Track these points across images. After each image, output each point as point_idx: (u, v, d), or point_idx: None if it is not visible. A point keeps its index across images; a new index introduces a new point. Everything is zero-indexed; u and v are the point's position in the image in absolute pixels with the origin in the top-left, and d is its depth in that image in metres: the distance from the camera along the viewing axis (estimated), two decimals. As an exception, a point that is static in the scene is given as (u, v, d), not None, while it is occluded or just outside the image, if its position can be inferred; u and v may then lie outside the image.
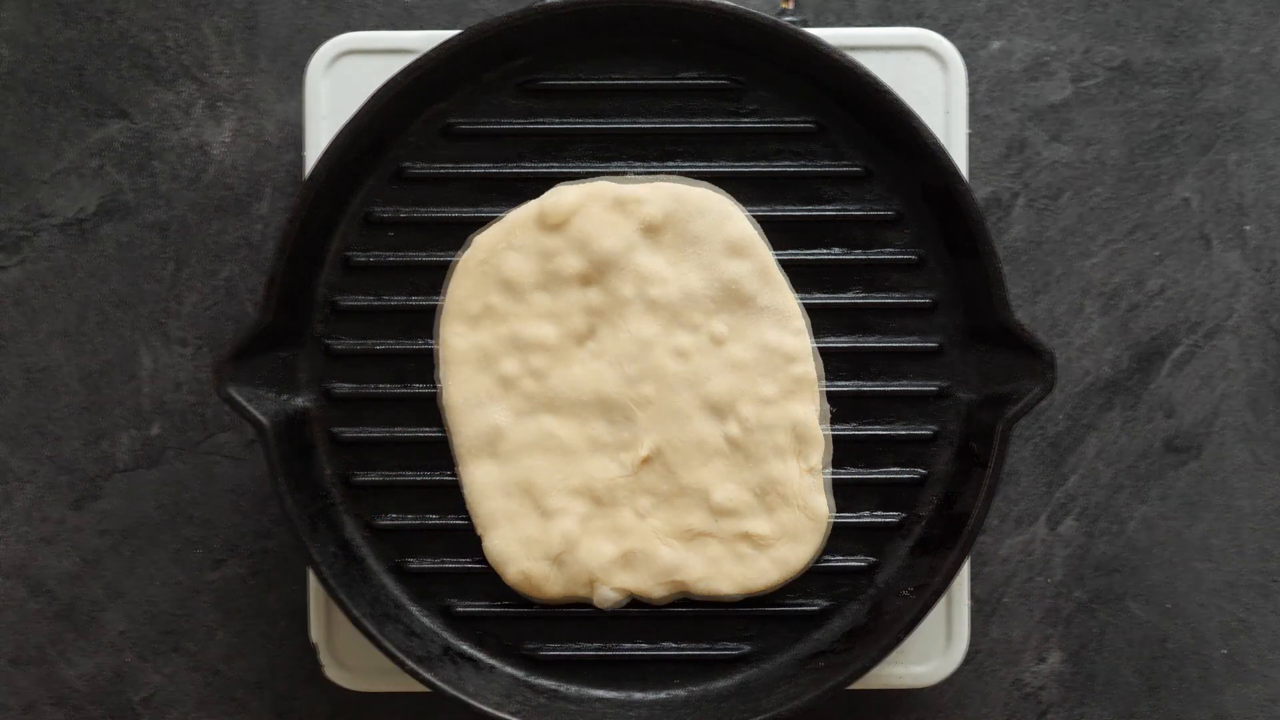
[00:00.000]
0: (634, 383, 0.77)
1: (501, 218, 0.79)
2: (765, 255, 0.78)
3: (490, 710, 0.76)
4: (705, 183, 0.78)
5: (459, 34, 0.76)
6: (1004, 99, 0.86)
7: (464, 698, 0.76)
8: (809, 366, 0.78)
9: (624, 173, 0.79)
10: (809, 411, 0.77)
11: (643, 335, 0.77)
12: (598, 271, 0.77)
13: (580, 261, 0.77)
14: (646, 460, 0.77)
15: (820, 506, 0.78)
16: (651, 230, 0.77)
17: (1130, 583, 0.86)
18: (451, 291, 0.78)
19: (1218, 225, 0.86)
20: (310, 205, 0.76)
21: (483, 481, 0.78)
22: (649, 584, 0.78)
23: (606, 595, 0.78)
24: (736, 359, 0.77)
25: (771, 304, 0.77)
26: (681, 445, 0.77)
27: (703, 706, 0.79)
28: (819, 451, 0.78)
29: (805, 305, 0.78)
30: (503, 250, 0.77)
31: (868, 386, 0.80)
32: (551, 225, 0.77)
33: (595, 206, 0.77)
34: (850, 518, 0.80)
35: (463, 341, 0.78)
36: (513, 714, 0.76)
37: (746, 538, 0.78)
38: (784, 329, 0.78)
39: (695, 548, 0.78)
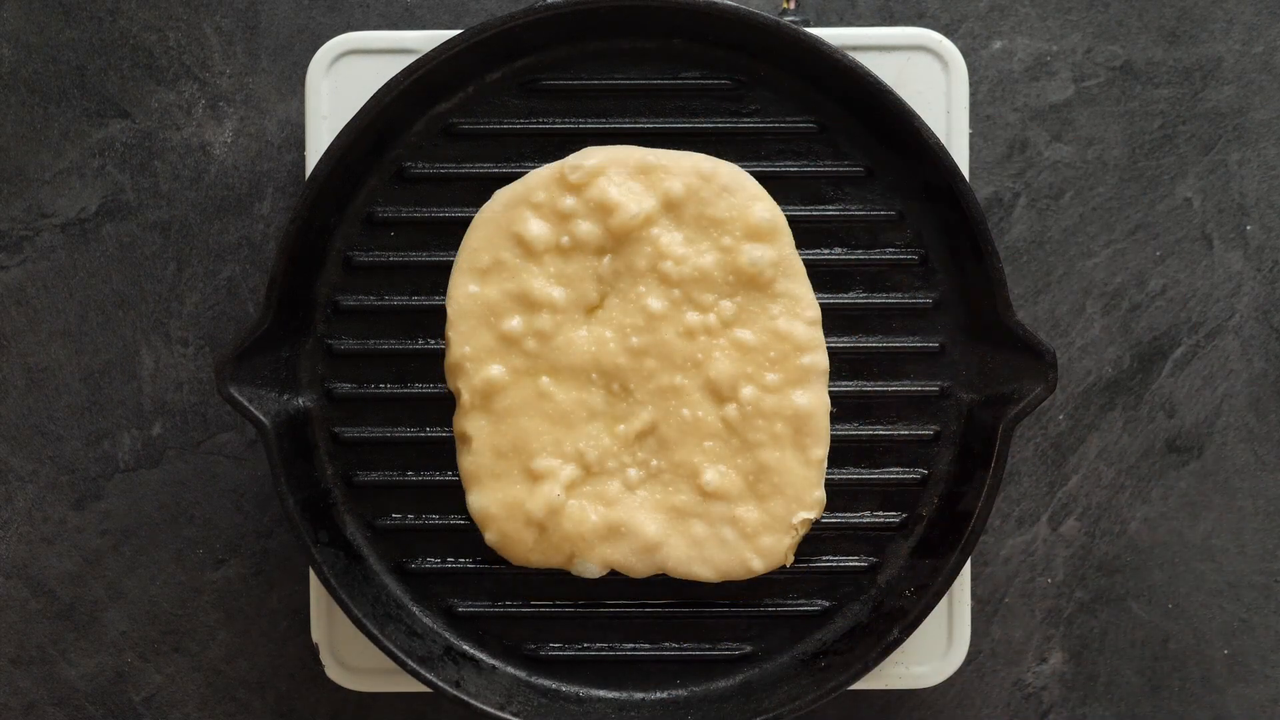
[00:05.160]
0: (637, 355, 0.76)
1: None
2: (787, 242, 0.77)
3: (491, 710, 0.76)
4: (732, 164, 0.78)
5: (460, 34, 0.76)
6: (1005, 99, 0.86)
7: (465, 698, 0.76)
8: (818, 357, 0.77)
9: (625, 173, 0.79)
10: (813, 403, 0.77)
11: (652, 309, 0.76)
12: (614, 240, 0.76)
13: (597, 229, 0.76)
14: (641, 434, 0.77)
15: (817, 501, 0.77)
16: (672, 205, 0.76)
17: (1132, 583, 0.86)
18: (465, 242, 0.77)
19: (1219, 225, 0.86)
20: (312, 205, 0.76)
21: (474, 436, 0.77)
22: (630, 559, 0.77)
23: (586, 568, 0.77)
24: (744, 343, 0.76)
25: (787, 292, 0.77)
26: (678, 423, 0.77)
27: (704, 707, 0.79)
28: (822, 444, 0.77)
29: (807, 305, 0.78)
30: (520, 206, 0.77)
31: (869, 387, 0.80)
32: (573, 185, 0.76)
33: (618, 171, 0.77)
34: (852, 518, 0.79)
35: (469, 293, 0.76)
36: (514, 714, 0.76)
37: (733, 522, 0.77)
38: (796, 318, 0.77)
39: (680, 527, 0.77)
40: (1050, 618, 0.86)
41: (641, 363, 0.76)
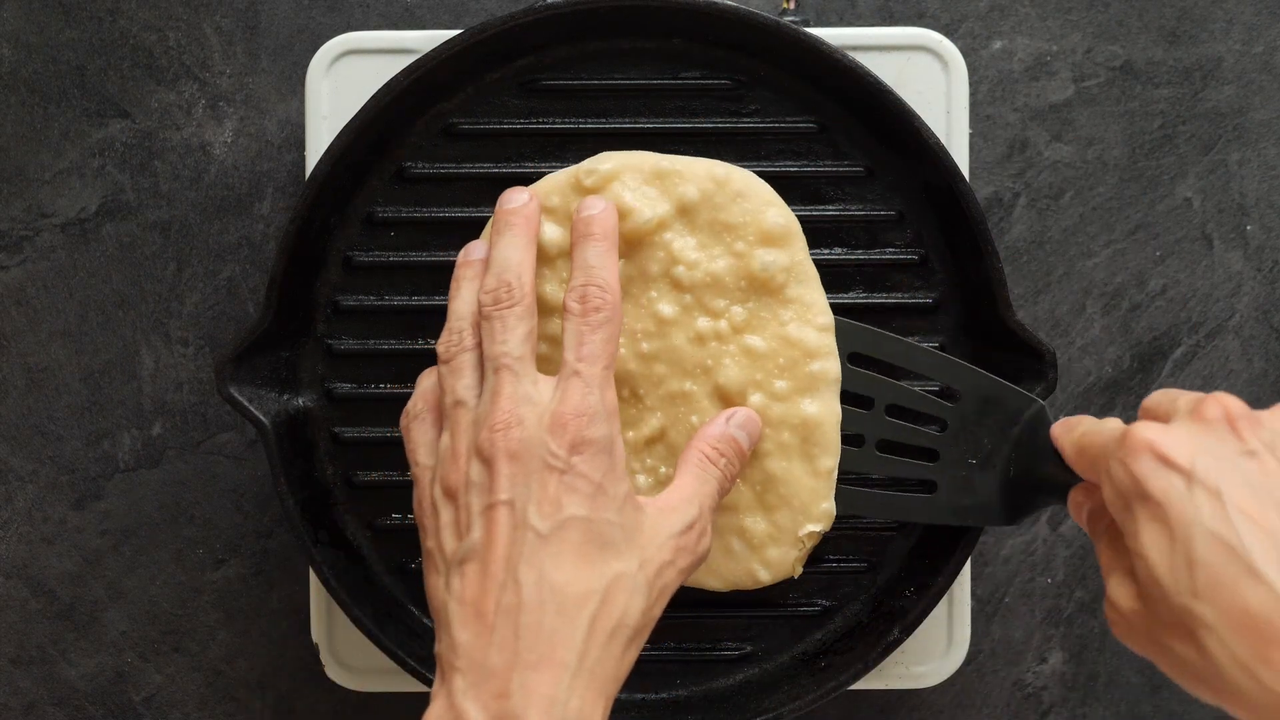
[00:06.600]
0: (648, 360, 0.75)
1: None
2: (800, 247, 0.76)
3: (492, 710, 0.76)
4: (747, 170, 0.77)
5: (460, 34, 0.76)
6: (1005, 99, 0.86)
7: (465, 698, 0.76)
8: (828, 364, 0.75)
9: (625, 173, 0.79)
10: (822, 412, 0.75)
11: (663, 314, 0.76)
12: (627, 245, 0.75)
13: None
14: (650, 440, 0.76)
15: (825, 513, 0.76)
16: (686, 210, 0.76)
17: (1132, 583, 0.86)
18: None
19: (1219, 225, 0.86)
20: (312, 205, 0.76)
21: None
22: None
23: None
24: (754, 349, 0.76)
25: (798, 297, 0.76)
26: (687, 429, 0.76)
27: (704, 707, 0.79)
28: (831, 455, 0.75)
29: (807, 305, 0.78)
30: None
31: (869, 387, 0.80)
32: (587, 189, 0.75)
33: (633, 176, 0.76)
34: (852, 517, 0.79)
35: None
36: (514, 714, 0.76)
37: (740, 533, 0.76)
38: (807, 324, 0.76)
39: None
40: (1050, 618, 0.86)
41: (651, 368, 0.76)
